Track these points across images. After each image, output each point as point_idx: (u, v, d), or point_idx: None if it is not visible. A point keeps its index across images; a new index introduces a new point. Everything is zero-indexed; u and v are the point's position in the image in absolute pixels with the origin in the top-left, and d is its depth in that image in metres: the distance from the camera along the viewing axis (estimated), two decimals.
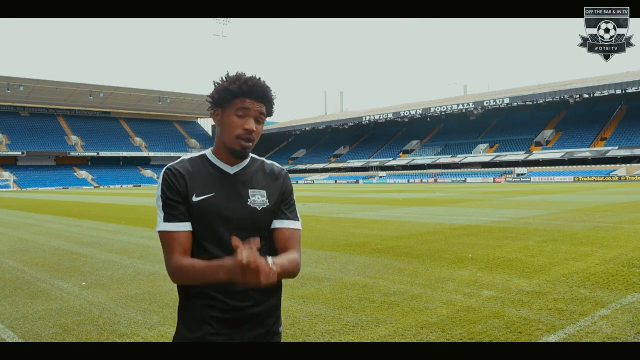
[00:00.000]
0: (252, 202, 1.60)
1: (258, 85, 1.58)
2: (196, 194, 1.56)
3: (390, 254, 7.53)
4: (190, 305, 1.58)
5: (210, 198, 1.56)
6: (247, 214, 1.58)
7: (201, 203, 1.55)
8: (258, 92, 1.57)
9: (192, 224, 1.56)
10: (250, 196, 1.60)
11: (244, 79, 1.57)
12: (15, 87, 65.78)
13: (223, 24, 79.05)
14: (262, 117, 1.60)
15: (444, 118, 68.88)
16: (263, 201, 1.61)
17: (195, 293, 1.57)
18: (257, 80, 1.59)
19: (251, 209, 1.59)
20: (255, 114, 1.58)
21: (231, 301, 1.55)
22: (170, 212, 1.56)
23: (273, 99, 1.62)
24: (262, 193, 1.62)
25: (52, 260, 7.72)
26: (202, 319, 1.55)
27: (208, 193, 1.57)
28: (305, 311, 4.60)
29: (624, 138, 49.49)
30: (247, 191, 1.61)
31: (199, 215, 1.55)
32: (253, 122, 1.57)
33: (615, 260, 6.66)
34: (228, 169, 1.62)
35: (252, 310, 1.58)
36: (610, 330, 3.85)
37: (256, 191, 1.62)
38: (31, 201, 27.86)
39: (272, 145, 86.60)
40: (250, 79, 1.58)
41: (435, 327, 4.03)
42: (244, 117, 1.57)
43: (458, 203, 19.23)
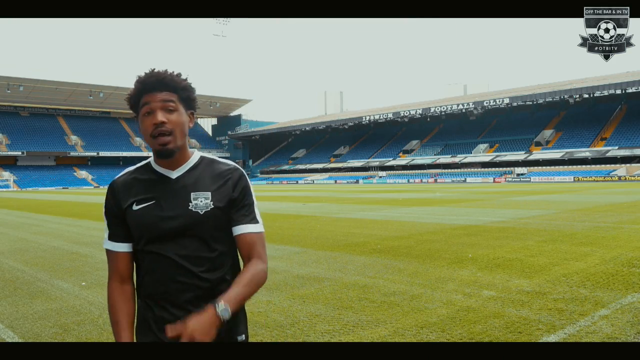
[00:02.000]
0: (194, 206, 1.49)
1: (151, 76, 1.47)
2: (137, 202, 1.51)
3: (390, 254, 7.53)
4: (137, 307, 1.60)
5: (149, 206, 1.50)
6: (189, 219, 1.48)
7: (140, 211, 1.50)
8: (152, 82, 1.46)
9: (134, 232, 1.53)
10: (192, 200, 1.49)
11: (138, 77, 1.49)
12: (15, 87, 65.78)
13: (223, 24, 78.95)
14: (172, 105, 1.46)
15: (444, 118, 68.85)
16: (206, 204, 1.50)
17: (139, 297, 1.60)
18: (151, 71, 1.49)
19: (192, 213, 1.48)
20: (160, 105, 1.45)
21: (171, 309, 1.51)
22: (110, 230, 1.58)
23: (179, 82, 1.49)
24: (205, 195, 1.50)
25: (52, 260, 7.71)
26: (148, 328, 1.56)
27: (148, 201, 1.50)
28: (305, 311, 4.60)
29: (624, 138, 49.48)
30: (189, 195, 1.50)
31: (137, 224, 1.51)
32: (160, 113, 1.45)
33: (615, 260, 6.66)
34: (169, 173, 1.54)
35: None
36: (610, 330, 3.85)
37: (199, 194, 1.50)
38: (31, 201, 27.85)
39: (272, 145, 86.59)
40: (143, 75, 1.49)
41: (435, 327, 4.03)
42: (150, 114, 1.46)
43: (458, 203, 19.22)
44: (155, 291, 1.52)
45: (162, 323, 1.49)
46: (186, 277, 1.49)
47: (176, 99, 1.48)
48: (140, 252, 1.55)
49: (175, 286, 1.49)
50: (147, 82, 1.47)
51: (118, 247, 1.57)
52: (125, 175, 1.59)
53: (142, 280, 1.56)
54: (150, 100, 1.45)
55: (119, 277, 1.58)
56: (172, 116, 1.47)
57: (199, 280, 1.50)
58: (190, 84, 1.53)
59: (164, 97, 1.46)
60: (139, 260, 1.57)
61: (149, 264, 1.53)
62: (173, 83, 1.48)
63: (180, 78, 1.51)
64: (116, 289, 1.57)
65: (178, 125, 1.48)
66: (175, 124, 1.47)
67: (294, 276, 6.11)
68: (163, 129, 1.45)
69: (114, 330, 1.55)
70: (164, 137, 1.46)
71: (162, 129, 1.45)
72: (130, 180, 1.56)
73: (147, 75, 1.48)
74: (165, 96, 1.46)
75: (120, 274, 1.58)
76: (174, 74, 1.50)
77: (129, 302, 1.58)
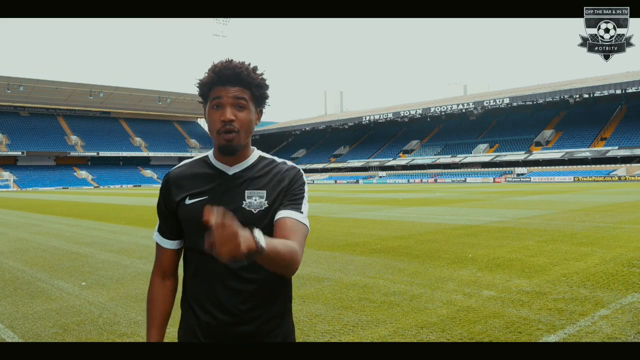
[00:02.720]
0: (248, 205, 1.43)
1: (226, 68, 1.38)
2: (190, 196, 1.46)
3: (390, 254, 7.53)
4: (182, 311, 1.55)
5: (202, 201, 1.43)
6: (241, 218, 1.36)
7: (192, 205, 1.44)
8: (227, 75, 1.38)
9: (185, 227, 1.49)
10: (246, 198, 1.43)
11: (213, 65, 1.41)
12: (15, 87, 65.77)
13: (223, 24, 79.03)
14: (243, 102, 1.39)
15: (444, 118, 68.87)
16: (260, 203, 1.43)
17: (184, 300, 1.55)
18: (227, 63, 1.39)
19: (246, 212, 1.42)
20: (231, 101, 1.38)
21: (217, 314, 1.44)
22: (161, 223, 1.56)
23: (254, 78, 1.41)
24: (260, 194, 1.44)
25: (52, 260, 7.71)
26: (192, 333, 1.50)
27: (202, 196, 1.45)
28: (305, 311, 4.60)
29: (624, 138, 49.49)
30: (243, 193, 1.44)
31: (188, 218, 1.45)
32: (229, 110, 1.38)
33: (615, 260, 6.66)
34: (227, 169, 1.47)
35: (239, 330, 1.44)
36: (610, 330, 3.85)
37: (253, 192, 1.44)
38: (31, 201, 27.85)
39: (272, 145, 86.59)
40: (218, 64, 1.40)
41: (435, 327, 4.03)
42: (220, 108, 1.39)
43: (458, 203, 19.22)
44: (204, 295, 1.45)
45: (207, 329, 1.45)
46: (235, 280, 1.43)
47: (248, 96, 1.41)
48: (189, 251, 1.50)
49: (225, 291, 1.43)
50: (222, 74, 1.38)
51: (165, 244, 1.54)
52: (182, 167, 1.53)
53: (190, 281, 1.50)
54: (222, 95, 1.38)
55: (162, 272, 1.56)
56: (242, 114, 1.40)
57: (248, 283, 1.44)
58: (265, 81, 1.44)
59: (236, 94, 1.39)
60: (188, 258, 1.51)
61: (198, 264, 1.46)
62: (248, 79, 1.40)
63: (256, 73, 1.42)
64: (157, 284, 1.55)
65: (245, 124, 1.41)
66: (243, 122, 1.40)
67: (294, 276, 6.06)
68: (230, 127, 1.39)
69: (147, 325, 1.54)
70: (229, 134, 1.39)
71: (229, 127, 1.39)
72: (185, 173, 1.50)
73: (223, 66, 1.39)
74: (238, 92, 1.39)
75: (164, 269, 1.55)
76: (249, 68, 1.41)
77: (168, 297, 1.56)
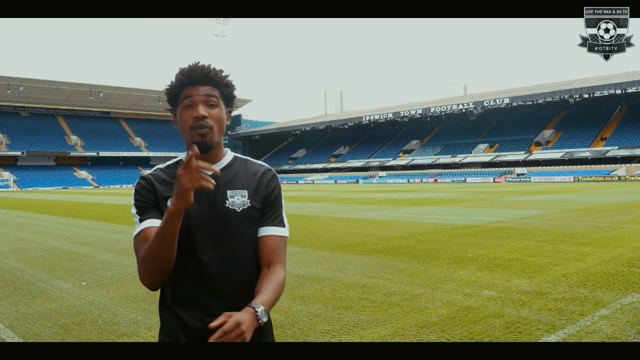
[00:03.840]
0: (231, 204, 1.46)
1: (195, 69, 1.44)
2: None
3: (390, 254, 7.53)
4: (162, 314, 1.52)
5: None
6: (225, 216, 1.44)
7: None
8: (196, 75, 1.43)
9: None
10: (228, 197, 1.46)
11: (180, 69, 1.46)
12: (15, 87, 65.77)
13: (223, 24, 79.07)
14: (215, 100, 1.45)
15: (444, 118, 68.86)
16: (243, 202, 1.47)
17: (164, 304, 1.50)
18: (195, 65, 1.46)
19: (229, 211, 1.45)
20: (202, 99, 1.43)
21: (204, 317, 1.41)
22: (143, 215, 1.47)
23: (222, 78, 1.47)
24: (242, 193, 1.48)
25: (52, 260, 7.72)
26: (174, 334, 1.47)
27: None
28: (305, 311, 4.60)
29: (624, 138, 49.49)
30: (225, 192, 1.46)
31: None
32: (202, 107, 1.42)
33: (615, 260, 6.66)
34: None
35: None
36: (610, 330, 3.85)
37: (236, 192, 1.48)
38: (31, 201, 27.86)
39: (272, 145, 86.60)
40: (186, 67, 1.46)
41: (435, 327, 4.03)
42: (191, 107, 1.43)
43: (458, 203, 19.22)
44: (190, 298, 1.45)
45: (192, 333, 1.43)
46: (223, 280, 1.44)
47: (218, 94, 1.46)
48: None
49: (212, 292, 1.43)
50: (191, 75, 1.44)
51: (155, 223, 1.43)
52: (157, 171, 1.53)
53: (174, 284, 1.46)
54: (193, 94, 1.43)
55: None
56: (214, 111, 1.44)
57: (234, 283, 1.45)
58: (231, 81, 1.51)
59: (206, 92, 1.44)
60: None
61: (183, 266, 1.44)
62: (217, 78, 1.46)
63: (222, 74, 1.49)
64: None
65: (218, 121, 1.45)
66: (216, 119, 1.44)
67: (294, 276, 6.11)
68: (203, 122, 1.42)
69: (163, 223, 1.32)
70: (204, 129, 1.42)
71: (202, 122, 1.42)
72: (162, 177, 1.51)
73: (191, 68, 1.45)
74: (208, 90, 1.44)
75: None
76: (217, 69, 1.48)
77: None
